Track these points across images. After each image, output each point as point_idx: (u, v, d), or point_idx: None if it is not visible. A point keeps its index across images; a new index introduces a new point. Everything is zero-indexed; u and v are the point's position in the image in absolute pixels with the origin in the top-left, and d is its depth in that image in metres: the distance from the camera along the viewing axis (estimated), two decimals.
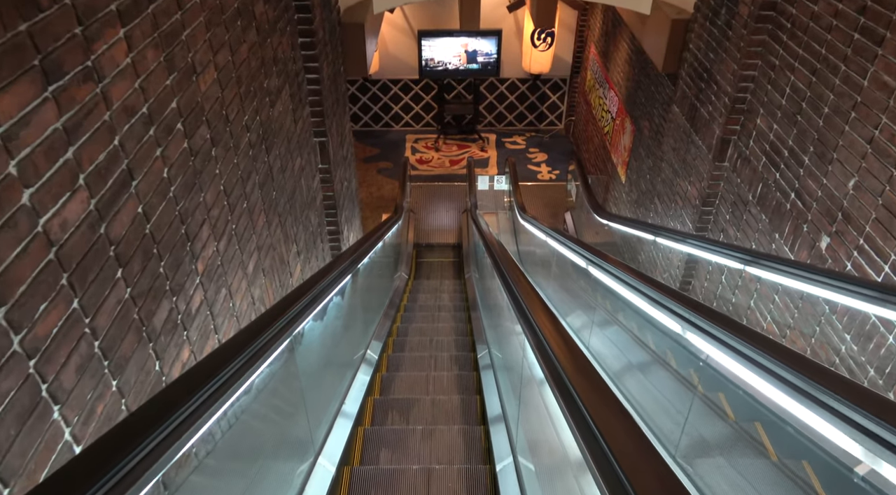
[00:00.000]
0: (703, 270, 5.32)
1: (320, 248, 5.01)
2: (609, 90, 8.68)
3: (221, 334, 2.78)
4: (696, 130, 5.24)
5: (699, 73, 5.19)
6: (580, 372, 1.57)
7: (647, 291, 2.54)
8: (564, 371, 1.61)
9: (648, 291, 2.53)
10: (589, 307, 4.22)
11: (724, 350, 1.94)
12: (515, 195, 7.93)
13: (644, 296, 2.58)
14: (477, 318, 5.40)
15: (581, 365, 1.62)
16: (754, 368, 1.83)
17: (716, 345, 1.96)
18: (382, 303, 5.49)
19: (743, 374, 1.87)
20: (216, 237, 2.73)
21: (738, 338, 1.92)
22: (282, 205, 3.84)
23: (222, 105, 2.81)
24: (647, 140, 6.90)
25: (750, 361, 1.87)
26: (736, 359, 1.81)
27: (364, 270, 4.24)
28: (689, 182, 5.42)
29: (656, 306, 2.45)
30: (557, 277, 5.46)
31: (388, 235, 5.79)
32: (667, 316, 2.35)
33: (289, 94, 4.03)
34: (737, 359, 1.81)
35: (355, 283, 3.70)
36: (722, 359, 1.94)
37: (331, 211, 5.19)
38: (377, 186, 10.07)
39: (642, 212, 6.99)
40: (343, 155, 5.57)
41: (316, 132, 4.76)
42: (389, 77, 11.06)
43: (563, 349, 1.76)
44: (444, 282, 7.20)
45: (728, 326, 2.03)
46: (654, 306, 2.54)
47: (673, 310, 2.27)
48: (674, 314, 2.26)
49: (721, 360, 1.96)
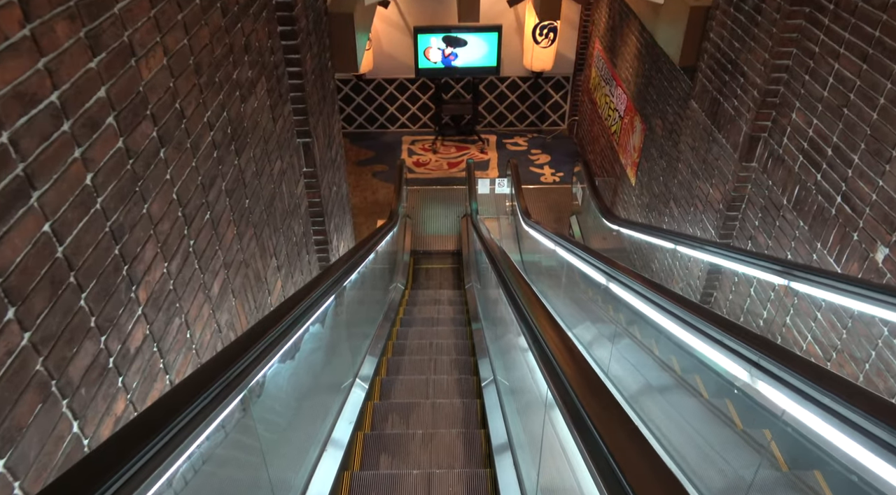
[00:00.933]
0: (728, 281, 4.85)
1: (306, 260, 4.53)
2: (616, 87, 8.22)
3: (174, 373, 2.30)
4: (719, 128, 4.77)
5: (722, 64, 4.72)
6: (605, 409, 1.17)
7: (697, 323, 2.06)
8: (589, 416, 1.19)
9: (698, 323, 2.04)
10: (605, 326, 3.75)
11: (815, 409, 1.46)
12: (518, 199, 7.46)
13: (692, 329, 2.10)
14: (479, 332, 4.93)
15: (606, 401, 1.22)
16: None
17: (803, 403, 1.48)
18: (376, 318, 5.02)
19: (841, 442, 1.40)
20: (166, 257, 2.25)
21: (828, 392, 1.45)
22: (257, 214, 3.37)
23: (174, 96, 2.34)
24: (659, 139, 6.43)
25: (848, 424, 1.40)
26: (841, 428, 1.34)
27: (354, 285, 3.79)
28: (710, 184, 4.94)
29: (713, 344, 1.97)
30: (567, 289, 4.98)
31: (383, 244, 5.33)
32: (726, 356, 1.87)
33: (266, 88, 3.56)
34: (843, 428, 1.33)
35: (342, 303, 3.23)
36: (813, 422, 1.46)
37: (318, 219, 4.71)
38: (372, 191, 9.60)
39: (655, 216, 6.52)
40: (331, 157, 5.10)
41: (299, 132, 4.29)
42: (384, 76, 10.60)
43: (586, 389, 1.32)
44: (442, 293, 6.72)
45: (810, 374, 1.55)
46: (710, 344, 2.06)
47: (736, 350, 1.79)
48: (737, 355, 1.79)
49: (810, 422, 1.48)
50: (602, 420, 1.20)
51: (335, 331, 3.27)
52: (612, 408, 1.24)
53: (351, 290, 3.78)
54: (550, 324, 1.99)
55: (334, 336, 3.28)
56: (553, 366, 1.61)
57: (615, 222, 6.31)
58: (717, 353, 2.02)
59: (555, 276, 5.73)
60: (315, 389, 2.94)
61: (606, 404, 1.26)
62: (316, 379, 2.94)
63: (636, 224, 5.63)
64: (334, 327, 3.25)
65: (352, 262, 3.40)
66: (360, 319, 4.17)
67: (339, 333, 3.39)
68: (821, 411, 1.44)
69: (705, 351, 2.13)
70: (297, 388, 2.52)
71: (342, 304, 3.25)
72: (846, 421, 1.37)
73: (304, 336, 2.34)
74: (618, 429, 1.15)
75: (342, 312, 3.30)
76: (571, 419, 1.30)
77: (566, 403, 1.39)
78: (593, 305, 4.65)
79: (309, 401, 2.87)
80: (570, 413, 1.34)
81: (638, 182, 7.21)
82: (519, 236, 8.34)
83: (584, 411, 1.26)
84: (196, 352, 2.52)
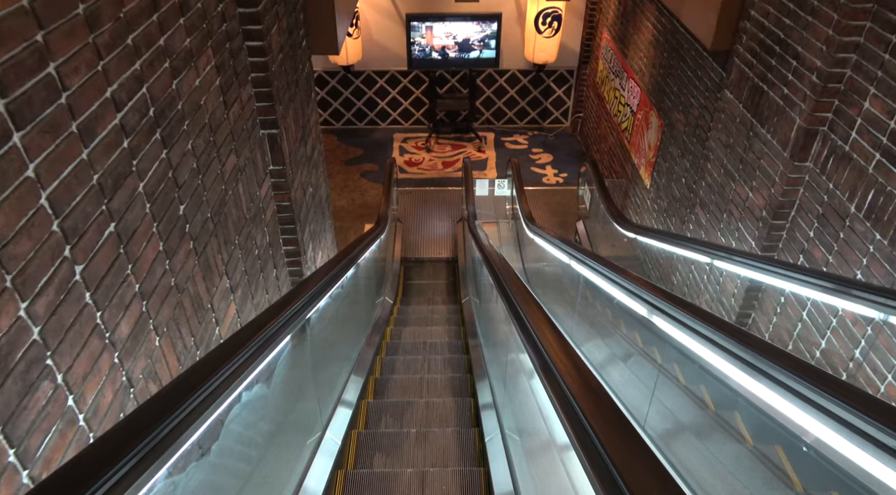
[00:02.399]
0: (771, 301, 4.13)
1: (273, 276, 3.79)
2: (627, 80, 7.50)
3: (37, 467, 1.55)
4: (763, 121, 4.06)
5: (767, 46, 4.00)
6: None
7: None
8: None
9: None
10: (642, 367, 3.02)
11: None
12: (521, 202, 6.73)
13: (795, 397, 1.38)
14: (478, 361, 4.20)
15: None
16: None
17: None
18: (357, 343, 4.28)
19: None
20: (23, 294, 1.51)
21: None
22: (198, 223, 2.62)
23: (41, 58, 1.59)
24: (681, 136, 5.72)
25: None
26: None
27: (330, 307, 3.06)
28: (750, 187, 4.23)
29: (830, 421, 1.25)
30: (583, 309, 4.26)
31: (368, 253, 4.60)
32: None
33: (214, 64, 2.82)
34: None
35: (305, 341, 2.49)
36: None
37: (288, 226, 3.97)
38: (360, 192, 8.85)
39: (675, 222, 5.81)
40: (306, 153, 4.36)
41: (264, 122, 3.55)
42: (374, 68, 9.85)
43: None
44: (436, 309, 5.98)
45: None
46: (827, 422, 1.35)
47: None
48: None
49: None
50: None
51: (296, 374, 2.53)
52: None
53: (331, 307, 3.05)
54: (573, 364, 1.33)
55: (296, 380, 2.54)
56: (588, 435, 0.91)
57: (631, 229, 5.59)
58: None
59: (562, 290, 5.01)
60: (270, 452, 2.21)
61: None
62: (266, 445, 2.20)
63: (659, 233, 4.92)
64: (296, 368, 2.51)
65: (323, 283, 2.67)
66: (334, 355, 3.44)
67: (304, 376, 2.65)
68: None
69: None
70: (242, 458, 1.79)
71: (306, 342, 2.51)
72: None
73: (256, 386, 1.61)
74: None
75: (306, 351, 2.56)
76: None
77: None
78: (614, 330, 3.93)
79: (259, 472, 2.13)
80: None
81: (653, 184, 6.49)
82: (520, 242, 7.61)
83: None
84: (87, 425, 1.78)
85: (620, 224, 5.89)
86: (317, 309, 2.64)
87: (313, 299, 2.55)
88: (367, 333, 4.65)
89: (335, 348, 3.63)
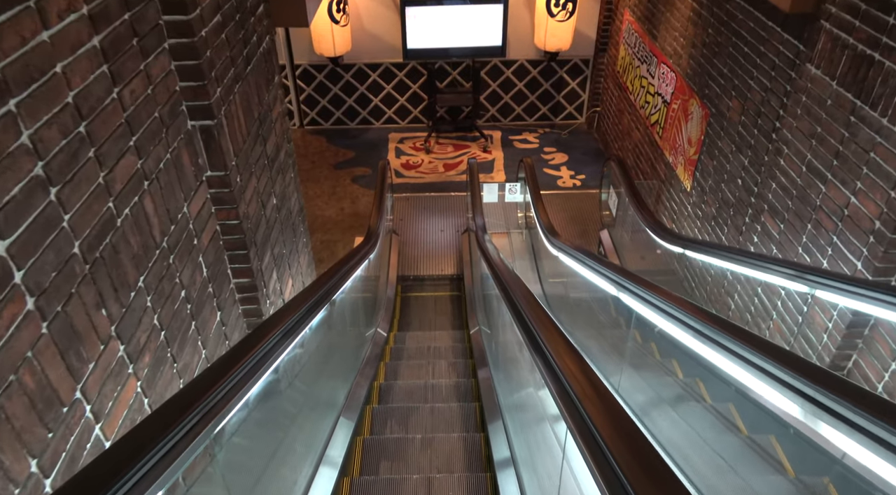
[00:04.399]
0: (887, 342, 3.10)
1: (213, 323, 2.76)
2: (657, 66, 6.48)
3: None
4: (872, 102, 3.03)
5: (879, 1, 2.98)
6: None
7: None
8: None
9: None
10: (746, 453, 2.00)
11: None
12: (537, 209, 5.70)
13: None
14: (497, 426, 3.19)
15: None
16: None
17: None
18: (336, 401, 3.26)
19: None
20: None
21: None
22: (50, 266, 1.60)
23: None
24: (735, 126, 4.69)
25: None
26: None
27: (297, 359, 2.12)
28: (854, 190, 3.20)
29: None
30: (637, 359, 3.23)
31: (353, 280, 3.60)
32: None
33: (86, 12, 1.80)
34: None
35: (265, 410, 1.49)
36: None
37: (238, 252, 2.95)
38: (351, 199, 7.83)
39: (730, 232, 4.77)
40: (266, 155, 3.33)
41: (193, 110, 2.53)
42: (367, 61, 8.84)
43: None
44: (439, 343, 4.95)
45: None
46: None
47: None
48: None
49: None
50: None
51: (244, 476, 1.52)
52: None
53: (307, 357, 2.07)
54: None
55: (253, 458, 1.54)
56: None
57: (677, 242, 4.56)
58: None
59: (601, 326, 3.98)
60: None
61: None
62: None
63: (726, 250, 3.87)
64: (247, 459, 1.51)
65: (283, 332, 1.69)
66: (299, 435, 2.42)
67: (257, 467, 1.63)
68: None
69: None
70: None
71: (260, 421, 1.50)
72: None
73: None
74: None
75: (259, 437, 1.55)
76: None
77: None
78: (690, 392, 2.91)
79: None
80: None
81: (696, 186, 5.46)
82: (536, 256, 6.58)
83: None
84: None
85: (662, 235, 4.85)
86: (273, 368, 1.69)
87: (267, 358, 1.60)
88: (350, 386, 3.63)
89: (302, 423, 2.62)
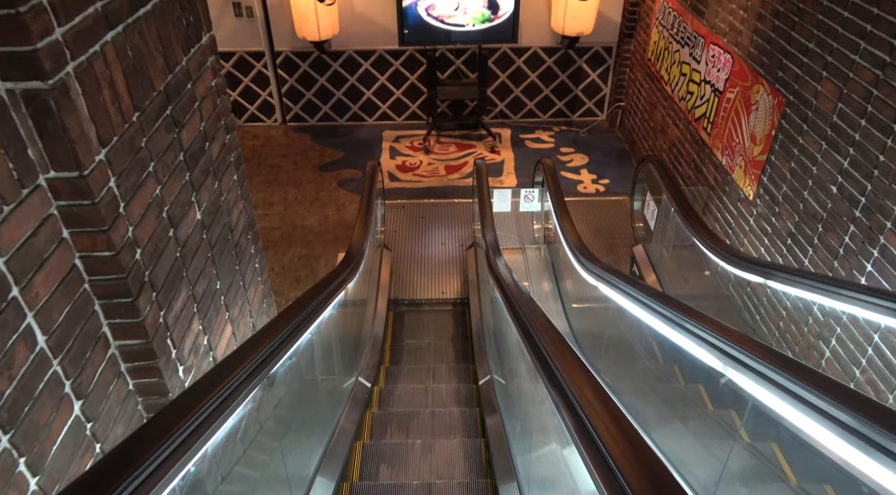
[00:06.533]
0: None
1: (55, 432, 1.64)
2: (705, 48, 5.38)
3: None
4: None
5: None
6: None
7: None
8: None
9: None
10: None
11: None
12: (562, 221, 4.60)
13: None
14: None
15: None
16: None
17: None
18: None
19: None
20: None
21: None
22: None
23: None
24: (826, 117, 3.58)
25: None
26: None
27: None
28: None
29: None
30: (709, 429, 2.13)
31: (317, 324, 2.52)
32: None
33: None
34: None
35: None
36: None
37: (117, 300, 1.83)
38: (336, 206, 6.72)
39: (817, 255, 3.66)
40: (182, 147, 2.21)
41: (8, 58, 1.41)
42: (357, 48, 7.74)
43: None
44: (439, 404, 3.83)
45: None
46: None
47: None
48: None
49: None
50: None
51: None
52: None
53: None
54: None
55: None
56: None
57: (756, 270, 3.45)
58: None
59: (671, 398, 2.87)
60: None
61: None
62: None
63: (846, 286, 2.76)
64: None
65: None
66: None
67: None
68: None
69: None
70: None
71: None
72: None
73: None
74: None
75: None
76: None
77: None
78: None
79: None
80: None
81: (762, 192, 4.36)
82: (557, 276, 5.47)
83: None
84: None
85: (728, 258, 3.74)
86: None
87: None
88: (314, 466, 2.50)
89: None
